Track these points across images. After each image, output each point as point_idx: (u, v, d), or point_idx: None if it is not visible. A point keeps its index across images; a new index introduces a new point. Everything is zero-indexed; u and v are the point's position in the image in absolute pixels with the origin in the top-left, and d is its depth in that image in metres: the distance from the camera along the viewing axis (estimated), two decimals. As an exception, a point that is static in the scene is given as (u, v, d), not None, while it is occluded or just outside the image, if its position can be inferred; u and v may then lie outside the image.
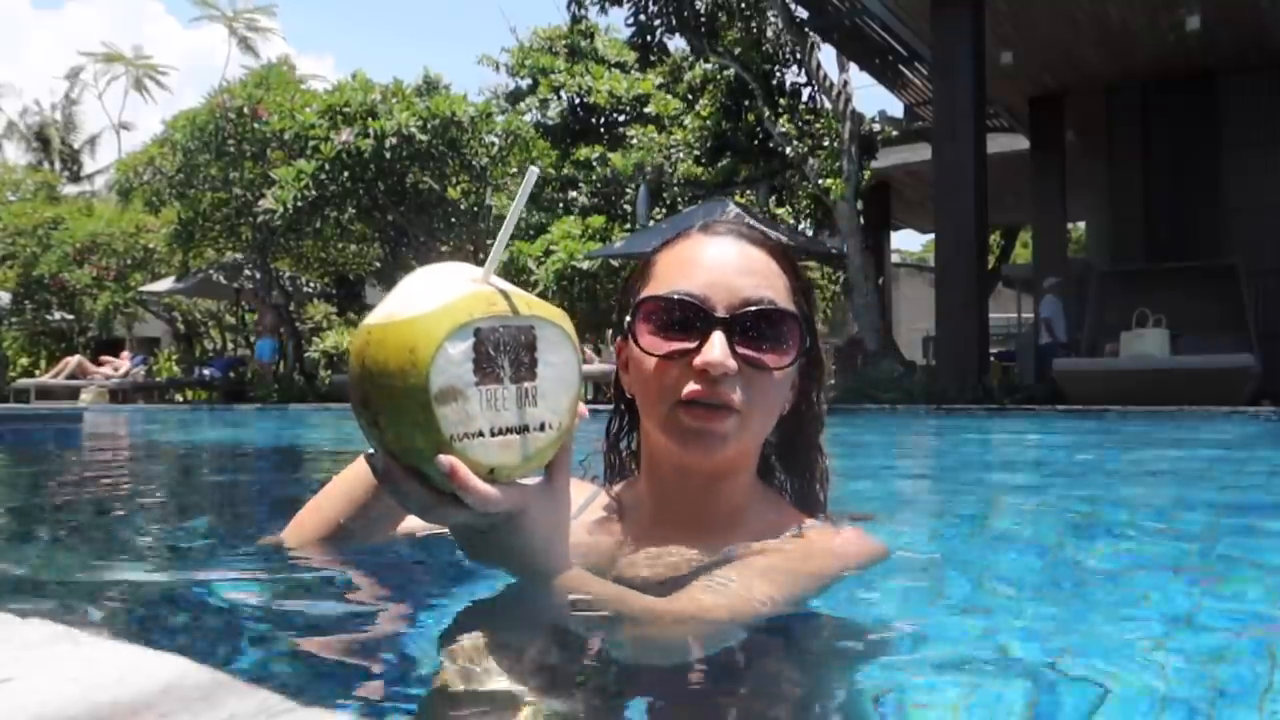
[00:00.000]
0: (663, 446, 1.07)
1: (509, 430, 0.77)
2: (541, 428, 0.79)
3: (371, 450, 0.80)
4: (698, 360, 1.00)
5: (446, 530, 0.85)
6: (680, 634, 0.90)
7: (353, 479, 1.12)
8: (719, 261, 1.05)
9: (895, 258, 25.25)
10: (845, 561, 1.09)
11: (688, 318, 1.02)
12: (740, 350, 1.01)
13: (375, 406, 0.74)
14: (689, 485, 1.09)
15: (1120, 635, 1.09)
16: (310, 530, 1.14)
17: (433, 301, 0.75)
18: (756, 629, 0.94)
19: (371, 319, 0.77)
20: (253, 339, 17.56)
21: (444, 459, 0.73)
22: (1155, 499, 2.77)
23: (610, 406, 1.24)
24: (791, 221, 15.84)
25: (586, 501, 1.20)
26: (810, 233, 15.86)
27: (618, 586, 0.92)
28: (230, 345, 19.61)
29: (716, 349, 0.99)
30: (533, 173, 0.83)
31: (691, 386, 1.00)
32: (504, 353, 0.76)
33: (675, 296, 1.02)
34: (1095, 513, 2.38)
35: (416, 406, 0.73)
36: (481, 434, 0.75)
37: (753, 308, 1.02)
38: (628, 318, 1.07)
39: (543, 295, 14.50)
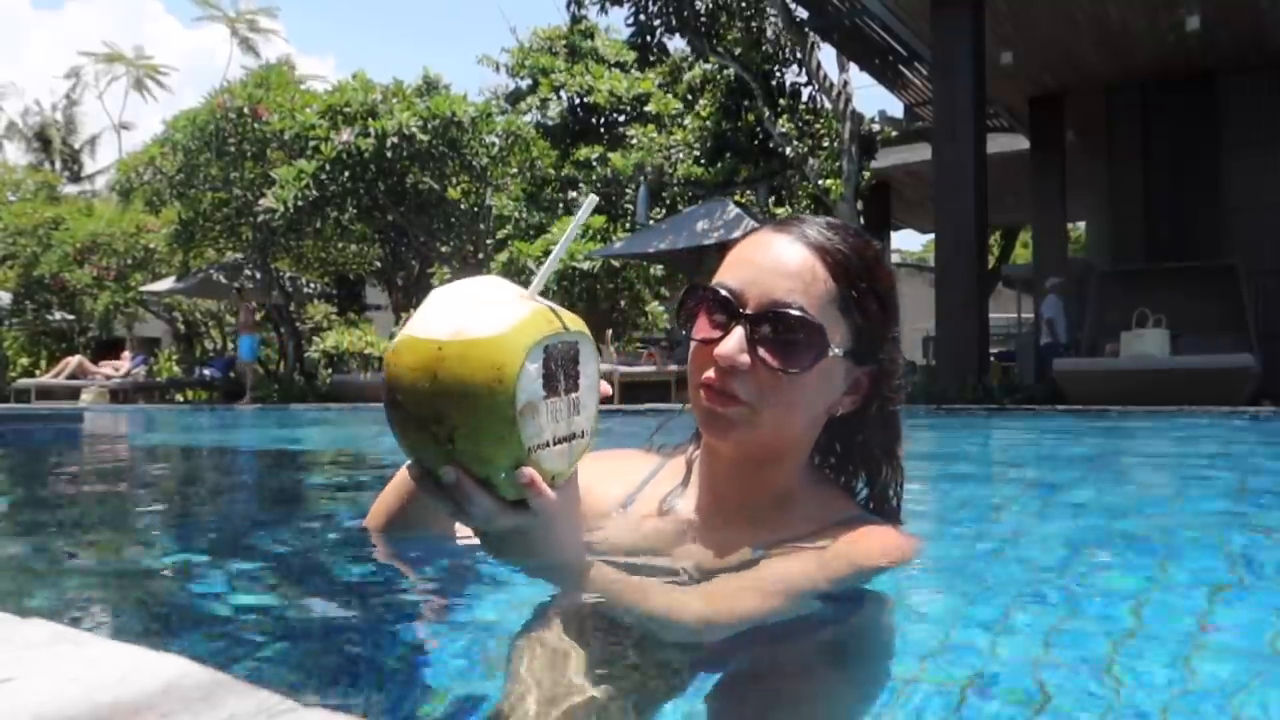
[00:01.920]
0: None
1: (565, 439, 0.82)
2: (582, 434, 0.84)
3: (414, 463, 0.80)
4: (715, 350, 1.07)
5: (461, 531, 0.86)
6: (694, 628, 0.94)
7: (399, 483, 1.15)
8: (763, 259, 1.10)
9: (895, 258, 25.26)
10: (871, 558, 1.10)
11: (720, 308, 1.09)
12: (759, 350, 1.06)
13: (452, 421, 0.76)
14: (738, 462, 1.15)
15: (1120, 635, 1.09)
16: (375, 520, 1.17)
17: (505, 320, 0.77)
18: (771, 626, 0.97)
19: (433, 334, 0.76)
20: (231, 338, 17.55)
21: (525, 470, 0.78)
22: (1155, 498, 2.77)
23: (607, 407, 1.27)
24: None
25: (652, 471, 1.28)
26: (810, 233, 15.82)
27: (637, 579, 0.96)
28: (230, 345, 19.60)
29: (731, 343, 1.05)
30: (591, 200, 0.88)
31: (708, 373, 1.08)
32: (561, 367, 0.80)
33: (714, 288, 1.10)
34: (1095, 514, 2.38)
35: (502, 421, 0.75)
36: (548, 444, 0.80)
37: (776, 310, 1.06)
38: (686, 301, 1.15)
39: (543, 295, 14.45)
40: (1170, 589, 1.40)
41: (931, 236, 13.86)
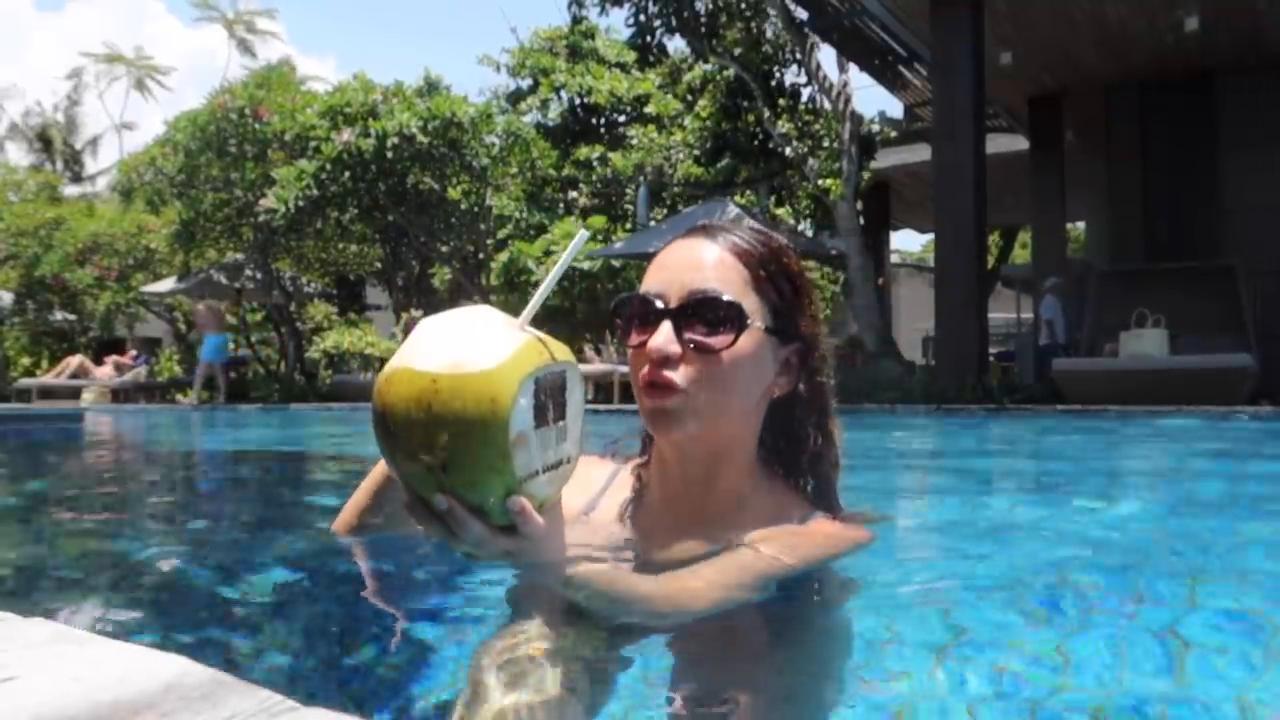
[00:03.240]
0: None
1: (553, 466, 0.84)
2: (568, 460, 0.86)
3: (405, 489, 0.82)
4: (646, 346, 1.12)
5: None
6: (671, 616, 1.00)
7: (369, 487, 1.22)
8: (676, 260, 1.17)
9: (895, 258, 25.24)
10: (826, 548, 1.18)
11: (646, 312, 1.14)
12: (685, 335, 1.11)
13: (444, 452, 0.77)
14: (686, 465, 1.19)
15: (1119, 637, 1.10)
16: (344, 524, 1.23)
17: (498, 353, 0.78)
18: (745, 610, 1.03)
19: (429, 366, 0.77)
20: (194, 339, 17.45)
21: (517, 499, 0.80)
22: (1154, 498, 2.78)
23: (606, 407, 1.30)
24: (791, 222, 15.81)
25: (609, 478, 1.33)
26: (810, 233, 15.84)
27: (621, 578, 1.01)
28: (231, 345, 19.60)
29: (660, 336, 1.11)
30: (582, 235, 0.92)
31: (644, 371, 1.12)
32: (550, 397, 0.82)
33: (636, 296, 1.16)
34: (1094, 511, 2.38)
35: (495, 453, 0.77)
36: (537, 473, 0.81)
37: (694, 298, 1.12)
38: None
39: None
40: (1171, 588, 1.41)
41: (931, 236, 13.85)
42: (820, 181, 12.72)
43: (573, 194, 16.62)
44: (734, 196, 14.00)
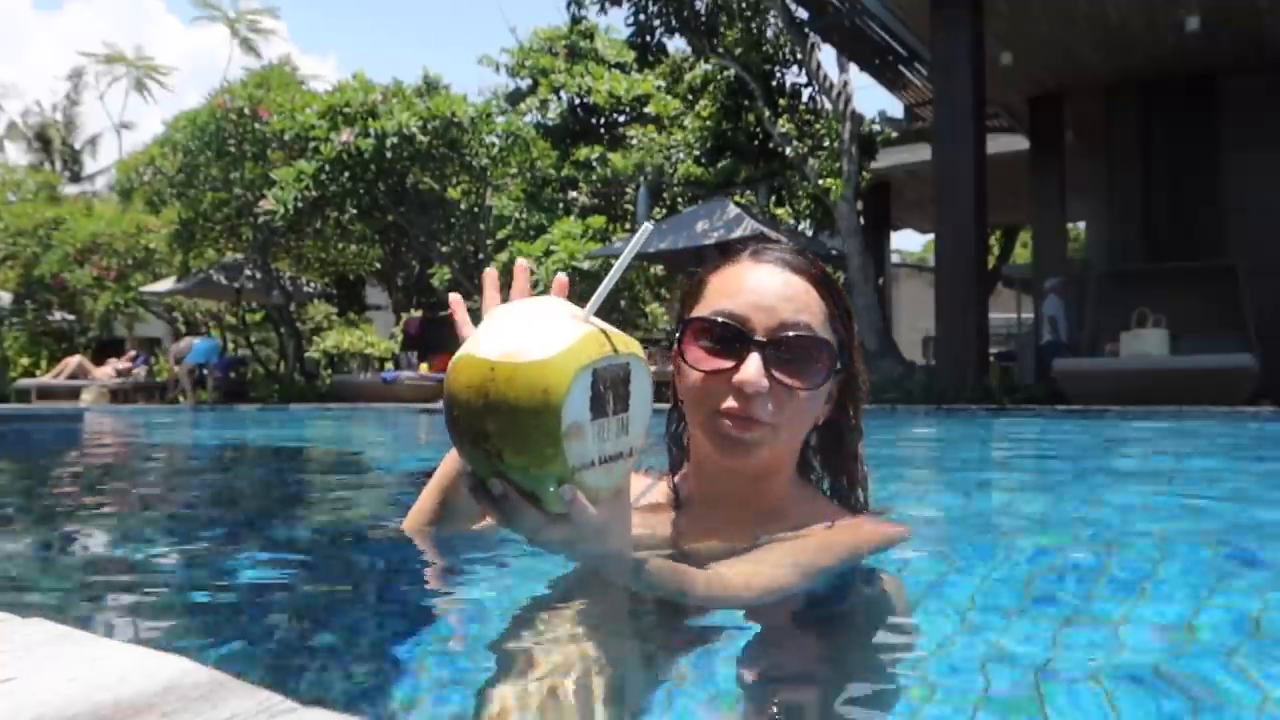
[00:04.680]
0: (706, 449, 1.18)
1: (611, 458, 0.84)
2: (630, 452, 0.87)
3: (469, 473, 0.84)
4: (736, 378, 1.10)
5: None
6: (726, 601, 1.02)
7: (440, 480, 1.23)
8: (762, 286, 1.15)
9: (895, 258, 25.25)
10: (866, 541, 1.22)
11: (729, 337, 1.12)
12: (774, 372, 1.11)
13: (500, 440, 0.79)
14: (733, 483, 1.20)
15: (1119, 637, 1.10)
16: (415, 520, 1.24)
17: (557, 343, 0.80)
18: (793, 602, 1.06)
19: (486, 353, 0.80)
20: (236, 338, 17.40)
21: (567, 489, 0.81)
22: (1152, 497, 2.77)
23: None
24: (791, 222, 15.81)
25: (644, 491, 1.32)
26: (810, 233, 15.84)
27: (680, 567, 1.01)
28: (230, 345, 19.62)
29: (752, 368, 1.09)
30: (646, 228, 0.92)
31: (729, 402, 1.11)
32: (610, 389, 0.83)
33: (719, 319, 1.13)
34: (1093, 511, 2.38)
35: (548, 442, 0.78)
36: (593, 464, 0.82)
37: (788, 333, 1.12)
38: (678, 333, 1.17)
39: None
40: (1170, 589, 1.40)
41: (931, 236, 13.86)
42: (820, 181, 12.72)
43: (572, 194, 16.62)
44: (734, 196, 14.01)
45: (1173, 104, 12.44)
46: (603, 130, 18.00)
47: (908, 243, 66.97)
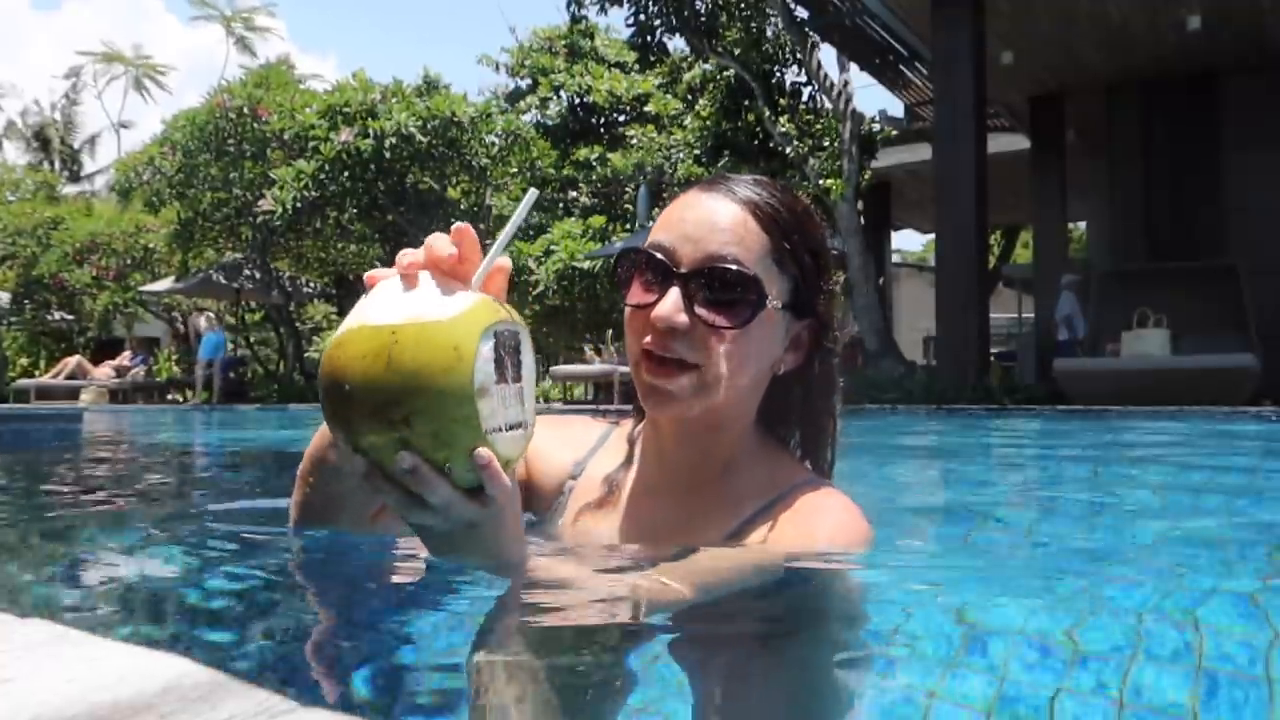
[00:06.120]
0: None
1: (514, 426, 0.82)
2: (527, 425, 0.84)
3: (361, 458, 0.79)
4: (652, 313, 1.03)
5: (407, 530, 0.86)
6: (640, 610, 0.95)
7: (308, 464, 1.08)
8: (697, 217, 1.06)
9: (895, 258, 25.26)
10: (819, 548, 1.07)
11: (654, 271, 1.05)
12: (696, 308, 1.02)
13: (409, 406, 0.75)
14: (680, 434, 1.13)
15: (1119, 638, 1.09)
16: (297, 516, 1.12)
17: (457, 305, 0.78)
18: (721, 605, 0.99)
19: (383, 320, 0.76)
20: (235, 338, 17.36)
21: (482, 451, 0.77)
22: (1153, 497, 2.77)
23: (610, 407, 1.28)
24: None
25: (600, 439, 1.27)
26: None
27: (582, 567, 0.97)
28: (230, 345, 19.63)
29: (668, 303, 1.02)
30: (532, 193, 0.88)
31: (647, 339, 1.04)
32: (509, 354, 0.80)
33: (645, 250, 1.06)
34: (1093, 512, 2.38)
35: (461, 402, 0.76)
36: (501, 429, 0.79)
37: (711, 265, 1.03)
38: (616, 266, 1.10)
39: (543, 295, 14.52)
40: (1171, 589, 1.40)
41: (931, 236, 13.87)
42: (821, 181, 12.72)
43: (573, 194, 16.63)
44: (734, 196, 14.00)
45: (1174, 103, 12.45)
46: (602, 130, 18.01)
47: (908, 243, 67.03)
